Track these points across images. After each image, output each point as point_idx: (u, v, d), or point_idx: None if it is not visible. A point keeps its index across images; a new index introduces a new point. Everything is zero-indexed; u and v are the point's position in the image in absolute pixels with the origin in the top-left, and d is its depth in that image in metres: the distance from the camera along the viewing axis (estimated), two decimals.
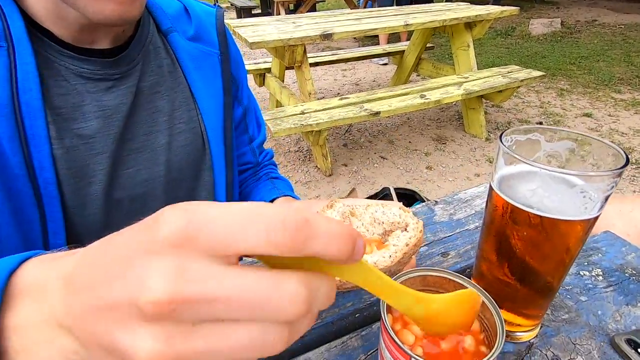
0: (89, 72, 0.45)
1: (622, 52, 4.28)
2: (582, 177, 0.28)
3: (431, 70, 3.27)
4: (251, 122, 0.65)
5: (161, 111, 0.51)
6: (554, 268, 0.34)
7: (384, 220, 0.35)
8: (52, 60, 0.43)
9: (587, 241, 0.51)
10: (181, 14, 0.54)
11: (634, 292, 0.43)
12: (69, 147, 0.44)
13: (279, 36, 2.06)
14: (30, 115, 0.40)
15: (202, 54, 0.55)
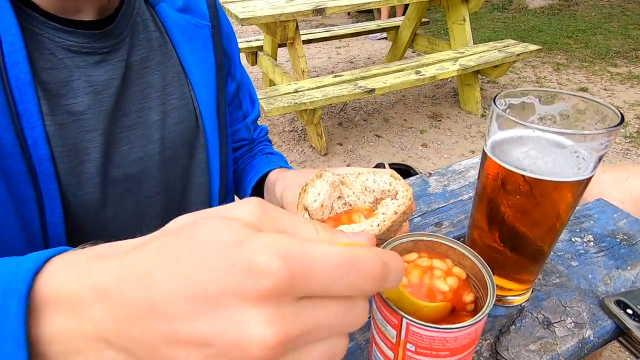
0: (76, 45, 0.43)
1: (619, 24, 4.22)
2: (575, 136, 0.28)
3: (427, 46, 3.21)
4: (245, 98, 0.63)
5: (153, 87, 0.49)
6: (544, 233, 0.34)
7: (374, 188, 0.34)
8: (36, 32, 0.40)
9: (579, 209, 0.51)
10: None
11: (624, 257, 0.43)
12: (61, 124, 0.42)
13: (270, 11, 2.00)
14: (20, 90, 0.38)
15: (192, 27, 0.52)
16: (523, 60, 3.49)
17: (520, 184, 0.30)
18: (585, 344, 0.35)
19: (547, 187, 0.30)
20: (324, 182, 0.33)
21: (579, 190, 0.31)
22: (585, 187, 0.31)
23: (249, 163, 0.66)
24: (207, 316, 0.15)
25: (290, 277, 0.14)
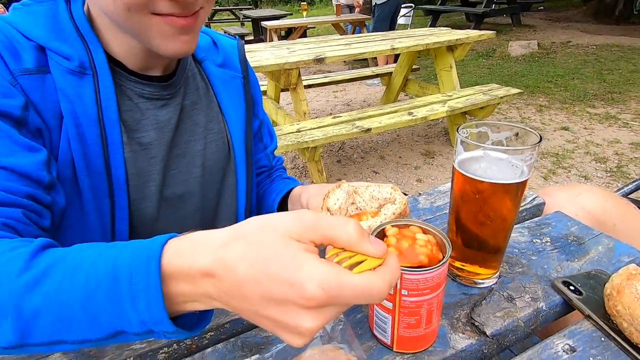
0: (148, 93, 0.56)
1: (594, 70, 4.57)
2: (509, 152, 0.41)
3: (418, 89, 3.47)
4: (265, 133, 0.77)
5: (198, 124, 0.63)
6: (496, 230, 0.46)
7: (379, 196, 0.46)
8: (121, 84, 0.54)
9: (541, 218, 0.63)
10: (210, 46, 0.67)
11: (573, 252, 0.55)
12: (134, 152, 0.55)
13: (275, 61, 2.23)
14: (109, 126, 0.51)
15: (228, 78, 0.67)
16: (508, 102, 3.75)
17: (477, 187, 0.43)
18: (539, 313, 0.45)
19: (494, 188, 0.42)
20: (341, 191, 0.45)
21: (517, 191, 0.43)
22: (522, 189, 0.43)
23: (269, 187, 0.78)
24: (275, 308, 0.26)
25: (326, 301, 0.26)
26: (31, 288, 0.31)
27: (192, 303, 0.30)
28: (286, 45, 2.89)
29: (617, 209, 0.75)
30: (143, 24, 0.46)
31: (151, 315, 0.29)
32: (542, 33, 6.80)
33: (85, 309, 0.30)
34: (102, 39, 0.53)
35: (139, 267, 0.29)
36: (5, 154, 0.42)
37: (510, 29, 7.35)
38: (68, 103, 0.49)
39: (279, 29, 5.70)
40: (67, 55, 0.49)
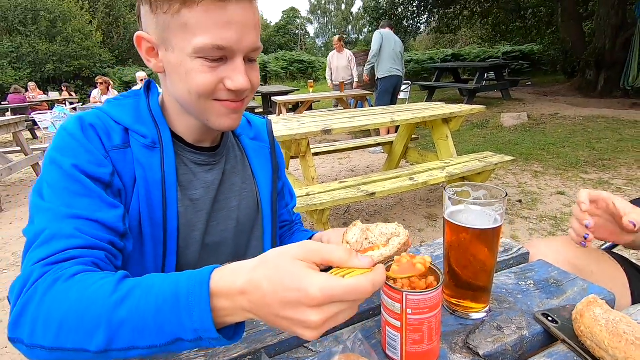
0: (199, 160, 0.72)
1: (584, 139, 4.86)
2: (483, 205, 0.54)
3: (418, 157, 3.71)
4: (287, 193, 0.92)
5: (235, 184, 0.78)
6: (478, 272, 0.57)
7: (386, 232, 0.57)
8: (180, 153, 0.70)
9: (526, 265, 0.74)
10: (245, 124, 0.85)
11: (552, 292, 0.65)
12: (186, 207, 0.69)
13: (287, 132, 2.48)
14: (169, 187, 0.66)
15: (259, 147, 0.84)
16: (505, 168, 3.96)
17: (460, 232, 0.55)
18: (524, 339, 0.54)
19: (474, 232, 0.55)
20: (357, 229, 0.57)
21: (493, 236, 0.55)
22: (497, 234, 0.55)
23: (289, 238, 0.90)
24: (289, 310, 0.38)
25: (325, 299, 0.37)
26: (119, 304, 0.43)
27: (230, 317, 0.42)
28: (296, 118, 3.20)
29: (594, 257, 0.86)
30: (206, 107, 0.62)
31: (202, 324, 0.40)
32: (531, 106, 7.31)
33: (156, 320, 0.41)
34: (170, 120, 0.70)
35: (194, 287, 0.41)
36: (96, 210, 0.56)
37: (501, 102, 7.92)
38: (141, 170, 0.64)
39: (288, 103, 6.22)
40: (143, 134, 0.65)
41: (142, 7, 0.60)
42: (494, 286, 0.67)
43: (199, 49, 0.56)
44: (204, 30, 0.55)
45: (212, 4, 0.54)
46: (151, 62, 0.63)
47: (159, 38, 0.59)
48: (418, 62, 16.58)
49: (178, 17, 0.55)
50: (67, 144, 0.59)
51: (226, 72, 0.59)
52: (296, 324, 0.39)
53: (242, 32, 0.57)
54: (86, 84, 15.70)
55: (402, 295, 0.46)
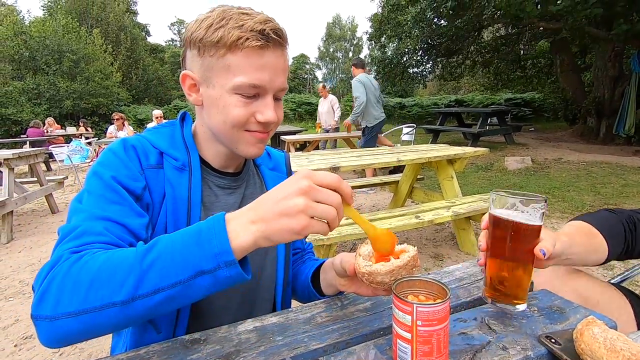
0: (223, 184, 0.79)
1: (588, 183, 4.90)
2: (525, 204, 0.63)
3: (423, 197, 3.76)
4: None
5: None
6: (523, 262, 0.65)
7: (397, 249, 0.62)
8: (206, 177, 0.78)
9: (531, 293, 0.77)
10: (265, 156, 0.93)
11: (555, 318, 0.68)
12: None
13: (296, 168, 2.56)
14: (194, 206, 0.73)
15: (277, 177, 0.91)
16: None
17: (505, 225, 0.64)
18: (528, 359, 0.57)
19: (519, 225, 0.63)
20: (369, 245, 0.62)
21: (535, 231, 0.64)
22: (538, 230, 0.64)
23: (301, 266, 0.94)
24: (282, 201, 0.50)
25: (308, 182, 0.50)
26: (149, 251, 0.51)
27: (240, 236, 0.51)
28: (305, 155, 3.31)
29: (600, 288, 0.89)
30: (237, 136, 0.71)
31: (221, 246, 0.49)
32: (535, 150, 7.45)
33: (182, 253, 0.50)
34: (200, 147, 0.78)
35: (213, 222, 0.52)
36: (125, 216, 0.64)
37: (504, 146, 8.08)
38: (171, 188, 0.71)
39: (296, 142, 6.41)
40: (175, 158, 0.74)
41: (189, 51, 0.70)
42: (499, 311, 0.70)
43: (237, 87, 0.66)
44: (243, 72, 0.65)
45: (252, 51, 0.64)
46: (192, 96, 0.72)
47: (202, 76, 0.69)
48: (422, 107, 17.13)
49: (222, 60, 0.65)
50: (110, 160, 0.68)
51: (258, 107, 0.68)
52: (287, 213, 0.49)
53: (274, 74, 0.67)
54: (102, 120, 16.34)
55: (412, 308, 0.50)
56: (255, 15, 0.66)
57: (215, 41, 0.65)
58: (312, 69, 47.45)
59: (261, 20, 0.65)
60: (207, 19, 0.66)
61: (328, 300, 0.76)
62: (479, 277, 0.84)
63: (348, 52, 46.63)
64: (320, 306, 0.74)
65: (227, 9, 0.67)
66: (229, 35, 0.64)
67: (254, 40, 0.64)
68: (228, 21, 0.64)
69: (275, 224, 0.50)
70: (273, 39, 0.65)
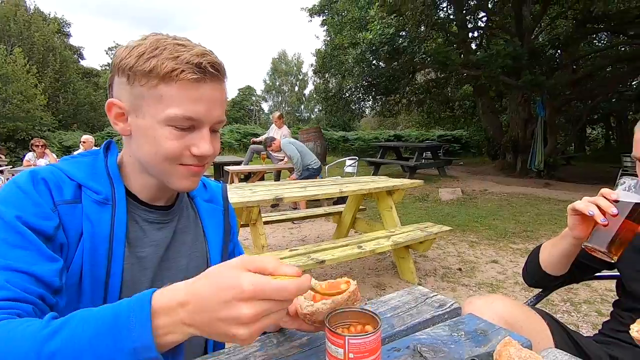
0: (152, 219, 0.74)
1: (509, 213, 5.43)
2: None
3: (365, 227, 3.86)
4: (237, 254, 0.94)
5: (186, 244, 0.79)
6: None
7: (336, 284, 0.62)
8: (132, 211, 0.72)
9: (458, 318, 0.81)
10: (201, 187, 0.88)
11: (480, 341, 0.72)
12: (132, 264, 0.69)
13: (239, 199, 2.51)
14: (117, 243, 0.66)
15: (213, 209, 0.87)
16: (445, 238, 4.23)
17: None
18: None
19: None
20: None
21: None
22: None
23: None
24: (225, 309, 0.42)
25: (256, 293, 0.42)
26: (52, 336, 0.43)
27: (170, 335, 0.45)
28: (248, 186, 3.26)
29: (522, 313, 0.97)
30: (169, 169, 0.67)
31: (142, 341, 0.42)
32: (464, 182, 8.13)
33: (92, 345, 0.42)
34: (126, 178, 0.73)
35: (135, 306, 0.44)
36: (32, 263, 0.56)
37: (438, 178, 8.71)
38: (89, 224, 0.65)
39: (240, 173, 6.29)
40: (97, 191, 0.68)
41: (117, 78, 0.66)
42: (430, 338, 0.72)
43: (170, 118, 0.62)
44: (177, 104, 0.62)
45: (187, 84, 0.62)
46: (119, 125, 0.68)
47: (131, 105, 0.65)
48: (364, 141, 17.99)
49: (154, 90, 0.62)
50: (14, 196, 0.60)
51: (193, 140, 0.65)
52: (230, 322, 0.42)
53: (210, 107, 0.65)
54: (20, 147, 14.63)
55: (344, 340, 0.50)
56: (191, 47, 0.63)
57: (146, 71, 0.62)
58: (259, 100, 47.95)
59: (198, 53, 0.62)
60: (138, 47, 0.63)
61: (262, 338, 0.73)
62: (412, 305, 0.87)
63: (294, 87, 48.05)
64: (255, 345, 0.70)
65: (162, 38, 0.64)
66: (163, 66, 0.61)
67: (189, 73, 0.61)
68: (162, 51, 0.62)
69: (215, 332, 0.44)
70: (210, 72, 0.63)
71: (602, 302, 2.75)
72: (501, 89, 11.06)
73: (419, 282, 3.08)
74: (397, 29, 8.46)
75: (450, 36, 10.54)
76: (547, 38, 10.34)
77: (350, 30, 9.96)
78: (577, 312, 2.62)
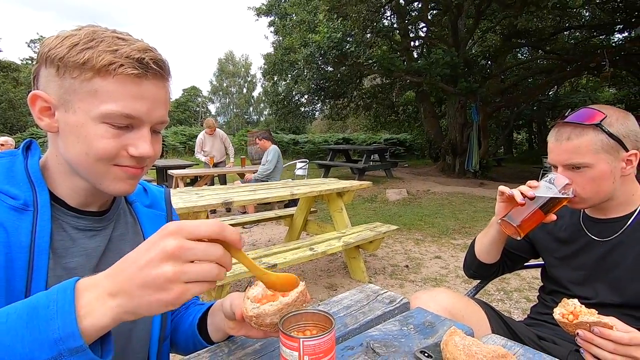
0: (82, 226, 0.67)
1: (450, 211, 5.81)
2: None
3: (317, 228, 3.89)
4: None
5: (123, 252, 0.71)
6: None
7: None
8: (59, 218, 0.64)
9: (407, 312, 0.84)
10: (141, 191, 0.82)
11: (427, 333, 0.75)
12: (59, 277, 0.61)
13: (184, 204, 2.39)
14: (38, 254, 0.59)
15: (154, 215, 0.81)
16: (392, 237, 4.40)
17: None
18: None
19: None
20: (258, 287, 0.59)
21: None
22: None
23: (184, 312, 0.85)
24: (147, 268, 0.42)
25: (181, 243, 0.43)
26: None
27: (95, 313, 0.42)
28: (194, 191, 3.12)
29: (463, 304, 1.03)
30: (103, 170, 0.61)
31: (64, 328, 0.39)
32: (409, 183, 8.54)
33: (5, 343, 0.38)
34: (51, 182, 0.65)
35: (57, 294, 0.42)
36: None
37: (385, 180, 9.05)
38: (4, 234, 0.57)
39: (185, 177, 6.00)
40: (13, 196, 0.60)
41: (44, 69, 0.60)
42: (382, 334, 0.74)
43: (106, 115, 0.57)
44: (114, 100, 0.57)
45: (127, 79, 0.57)
46: (44, 120, 0.61)
47: (59, 99, 0.59)
48: (314, 143, 18.16)
49: (88, 84, 0.57)
50: None
51: (131, 139, 0.61)
52: (154, 284, 0.41)
53: (152, 105, 0.60)
54: None
55: (299, 342, 0.50)
56: (132, 42, 0.59)
57: (80, 62, 0.56)
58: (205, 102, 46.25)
59: (140, 48, 0.58)
60: (71, 37, 0.58)
61: (212, 348, 0.70)
62: (364, 303, 0.89)
63: (242, 88, 47.11)
64: (205, 356, 0.67)
65: (99, 30, 0.59)
66: (99, 59, 0.56)
67: (129, 67, 0.57)
68: (99, 43, 0.57)
69: (141, 298, 0.42)
70: (153, 69, 0.59)
71: (529, 289, 3.04)
72: (440, 95, 11.84)
73: (370, 280, 3.17)
74: (345, 34, 8.68)
75: (394, 44, 11.05)
76: (479, 50, 11.28)
77: (299, 32, 10.02)
78: (510, 299, 2.87)
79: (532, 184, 0.94)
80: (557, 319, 0.81)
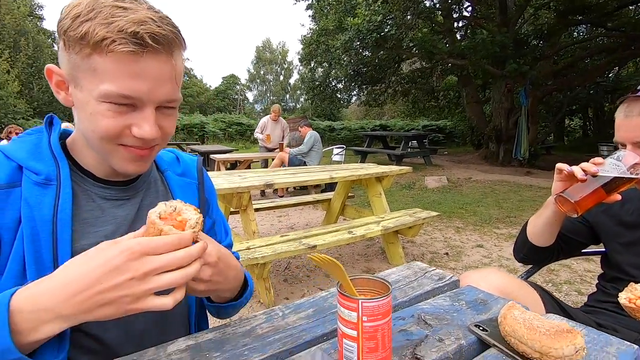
0: (109, 195, 0.68)
1: (493, 199, 5.56)
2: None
3: (354, 213, 3.89)
4: (220, 230, 0.87)
5: None
6: None
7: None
8: (87, 189, 0.66)
9: (457, 290, 0.83)
10: (174, 161, 0.83)
11: (480, 309, 0.74)
12: (90, 244, 0.55)
13: (229, 185, 2.48)
14: (61, 226, 0.60)
15: (186, 184, 0.80)
16: (431, 225, 4.31)
17: None
18: (462, 348, 0.61)
19: None
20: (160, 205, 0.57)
21: None
22: None
23: None
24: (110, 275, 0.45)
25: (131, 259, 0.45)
26: None
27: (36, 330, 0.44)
28: (237, 173, 3.22)
29: (515, 284, 1.00)
30: (110, 150, 0.60)
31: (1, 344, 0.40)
32: (449, 170, 8.26)
33: None
34: (78, 154, 0.67)
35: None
36: None
37: (424, 167, 8.82)
38: (28, 209, 0.58)
39: (227, 162, 6.22)
40: (37, 171, 0.61)
41: (60, 42, 0.58)
42: (433, 307, 0.74)
43: (104, 95, 0.55)
44: (111, 79, 0.54)
45: (122, 56, 0.53)
46: (60, 94, 0.61)
47: (69, 74, 0.58)
48: (350, 130, 18.02)
49: (88, 61, 0.54)
50: None
51: (134, 119, 0.58)
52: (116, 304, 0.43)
53: (154, 84, 0.56)
54: None
55: (358, 304, 0.51)
56: (133, 11, 0.53)
57: (78, 37, 0.53)
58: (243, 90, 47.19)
59: (136, 20, 0.52)
60: (76, 7, 0.54)
61: (268, 311, 0.73)
62: (412, 279, 0.89)
63: (279, 76, 47.46)
64: (261, 317, 0.71)
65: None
66: (94, 33, 0.52)
67: (121, 44, 0.52)
68: (97, 14, 0.53)
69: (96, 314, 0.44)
70: (150, 45, 0.53)
71: (581, 282, 2.86)
72: (485, 79, 11.22)
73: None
74: (385, 16, 8.42)
75: (435, 26, 10.56)
76: (531, 28, 10.49)
77: (336, 13, 9.83)
78: (559, 292, 2.73)
79: (597, 161, 0.86)
80: (622, 303, 0.76)
